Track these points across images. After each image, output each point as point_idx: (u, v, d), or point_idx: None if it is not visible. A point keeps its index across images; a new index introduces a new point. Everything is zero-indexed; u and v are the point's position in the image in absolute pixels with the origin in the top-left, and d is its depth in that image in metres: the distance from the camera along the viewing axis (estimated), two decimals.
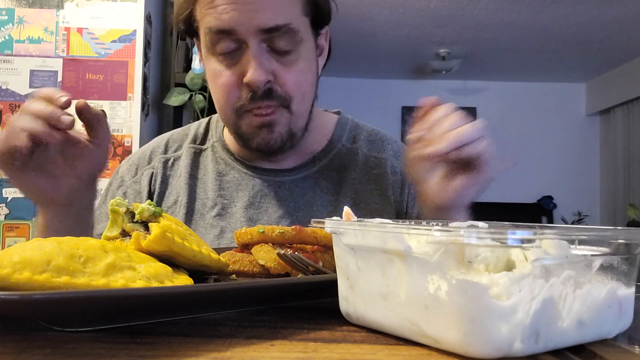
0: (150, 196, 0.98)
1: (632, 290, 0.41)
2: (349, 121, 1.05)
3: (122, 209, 0.52)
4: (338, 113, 1.07)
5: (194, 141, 1.03)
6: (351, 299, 0.44)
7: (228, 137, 1.00)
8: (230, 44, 0.83)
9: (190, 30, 0.90)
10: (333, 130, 1.02)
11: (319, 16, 0.90)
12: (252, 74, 0.81)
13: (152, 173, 0.99)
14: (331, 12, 0.92)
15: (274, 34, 0.82)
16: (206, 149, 1.01)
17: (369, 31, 4.46)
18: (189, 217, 0.94)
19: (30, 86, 2.29)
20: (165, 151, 1.02)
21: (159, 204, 0.98)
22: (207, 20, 0.83)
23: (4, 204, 2.25)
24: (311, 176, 0.97)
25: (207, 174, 0.98)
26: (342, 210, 0.93)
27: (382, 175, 0.97)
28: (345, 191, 0.95)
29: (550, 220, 5.91)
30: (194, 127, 1.06)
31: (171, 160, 1.00)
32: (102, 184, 0.91)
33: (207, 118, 1.08)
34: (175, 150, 1.02)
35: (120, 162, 1.12)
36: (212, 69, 0.87)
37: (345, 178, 0.96)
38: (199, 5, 0.85)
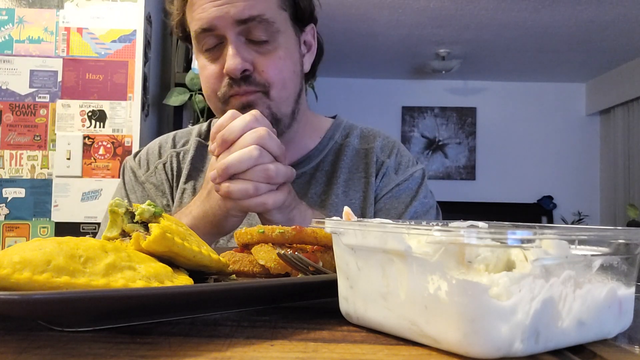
0: (170, 188, 1.03)
1: (632, 290, 0.41)
2: (344, 121, 1.10)
3: (122, 210, 0.52)
4: (334, 118, 1.12)
5: (199, 136, 1.08)
6: (351, 299, 0.44)
7: None
8: (213, 40, 0.90)
9: (185, 35, 0.98)
10: (327, 130, 1.07)
11: (299, 12, 0.94)
12: (229, 62, 0.87)
13: (166, 166, 1.04)
14: (314, 11, 0.98)
15: (249, 24, 0.87)
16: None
17: (369, 31, 4.46)
18: None
19: (30, 86, 2.29)
20: (174, 146, 1.07)
21: (173, 196, 1.02)
22: (193, 24, 0.91)
23: (4, 204, 2.24)
24: (308, 173, 1.01)
25: (210, 167, 1.01)
26: (333, 201, 0.98)
27: (368, 164, 1.02)
28: (337, 181, 1.00)
29: (550, 220, 5.91)
30: (197, 127, 1.11)
31: (182, 154, 1.05)
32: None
33: (208, 120, 1.13)
34: (183, 145, 1.07)
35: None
36: (200, 66, 0.95)
37: (337, 169, 1.01)
38: (187, 13, 0.93)
